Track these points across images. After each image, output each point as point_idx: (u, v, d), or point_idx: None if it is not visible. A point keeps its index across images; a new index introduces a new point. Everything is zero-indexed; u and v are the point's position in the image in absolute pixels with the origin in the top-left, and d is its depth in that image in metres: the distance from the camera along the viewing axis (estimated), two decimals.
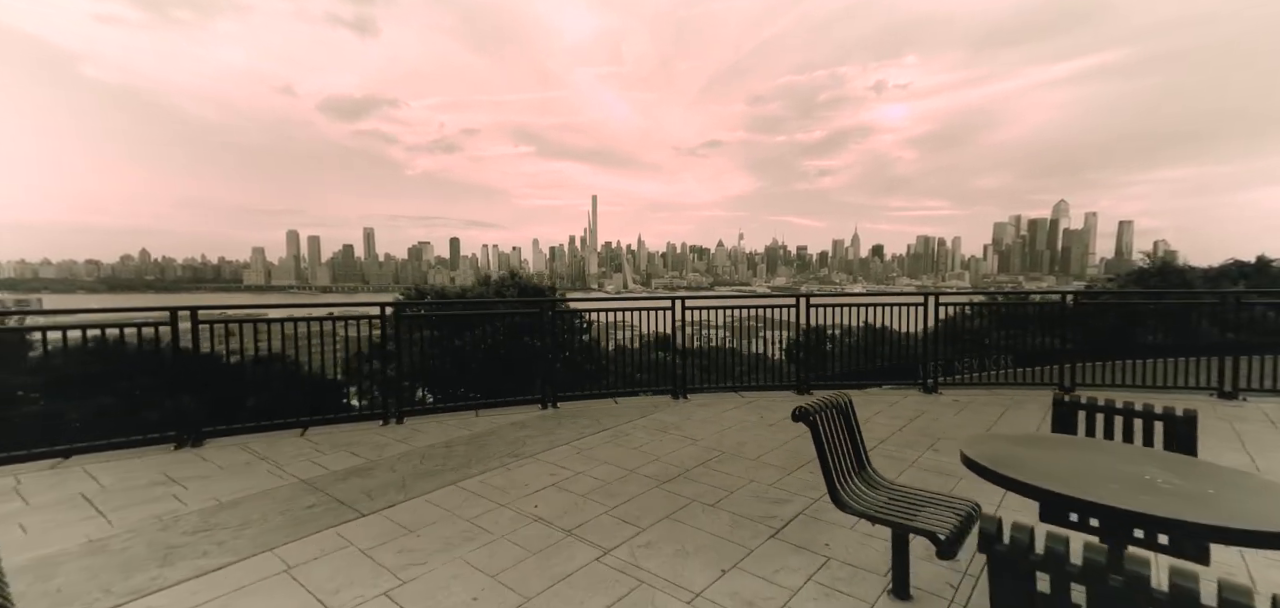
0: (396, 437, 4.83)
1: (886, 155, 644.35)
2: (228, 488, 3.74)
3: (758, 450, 4.39)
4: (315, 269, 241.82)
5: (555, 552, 2.89)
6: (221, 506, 3.45)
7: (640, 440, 4.68)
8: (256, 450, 4.43)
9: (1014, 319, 7.70)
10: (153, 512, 3.38)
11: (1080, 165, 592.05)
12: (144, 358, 4.76)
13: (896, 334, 6.68)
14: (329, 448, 4.51)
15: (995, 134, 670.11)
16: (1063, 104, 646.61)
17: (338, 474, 3.96)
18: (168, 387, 4.72)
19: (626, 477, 3.90)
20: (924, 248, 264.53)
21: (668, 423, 5.18)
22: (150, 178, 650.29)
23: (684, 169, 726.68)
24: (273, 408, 5.16)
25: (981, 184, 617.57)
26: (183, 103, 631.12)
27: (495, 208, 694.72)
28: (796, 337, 6.70)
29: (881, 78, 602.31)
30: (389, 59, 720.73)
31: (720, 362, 7.26)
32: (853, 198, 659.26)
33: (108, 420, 4.57)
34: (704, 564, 2.76)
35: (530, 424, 5.20)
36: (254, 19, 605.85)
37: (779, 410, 5.59)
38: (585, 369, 7.58)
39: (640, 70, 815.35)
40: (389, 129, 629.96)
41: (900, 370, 6.88)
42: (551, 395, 5.90)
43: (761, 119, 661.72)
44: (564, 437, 4.79)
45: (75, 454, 4.28)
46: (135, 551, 2.94)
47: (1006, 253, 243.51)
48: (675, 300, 6.30)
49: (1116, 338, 7.10)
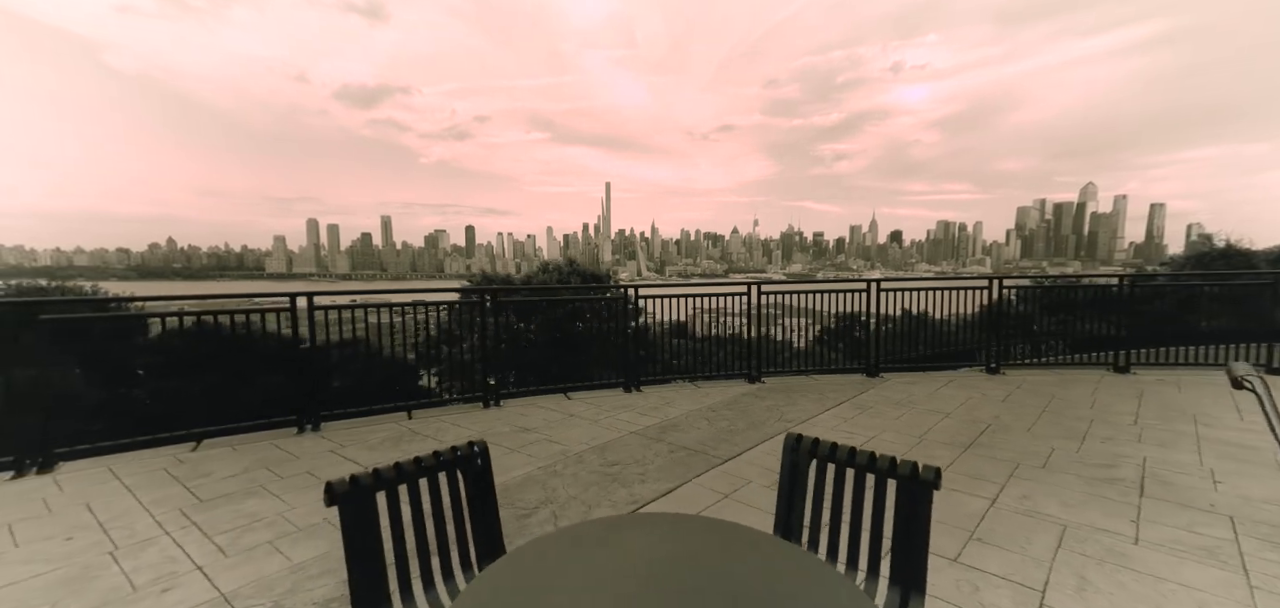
0: (637, 405, 5.02)
1: (905, 138, 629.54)
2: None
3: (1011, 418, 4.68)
4: (335, 257, 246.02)
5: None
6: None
7: (896, 406, 5.16)
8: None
9: (1069, 303, 7.59)
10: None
11: (1107, 146, 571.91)
12: (265, 343, 5.00)
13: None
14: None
15: (1019, 115, 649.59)
16: (1089, 82, 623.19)
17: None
18: (295, 372, 4.91)
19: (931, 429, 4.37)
20: (944, 233, 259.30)
21: (895, 397, 5.45)
22: (170, 166, 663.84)
23: (697, 154, 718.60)
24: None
25: (1004, 167, 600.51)
26: (200, 91, 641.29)
27: (508, 195, 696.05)
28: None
29: (901, 58, 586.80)
30: (400, 45, 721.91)
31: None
32: (870, 182, 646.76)
33: (235, 405, 4.80)
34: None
35: (759, 396, 5.61)
36: (267, 6, 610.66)
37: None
38: (658, 355, 7.70)
39: (653, 53, 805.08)
40: (402, 117, 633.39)
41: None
42: (757, 373, 6.05)
43: (777, 102, 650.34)
44: (830, 401, 5.37)
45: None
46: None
47: (1030, 238, 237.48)
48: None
49: (1172, 322, 7.04)
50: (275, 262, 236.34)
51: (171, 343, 4.85)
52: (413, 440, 4.45)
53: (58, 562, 2.70)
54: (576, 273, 11.70)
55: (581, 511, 3.16)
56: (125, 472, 3.82)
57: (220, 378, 4.69)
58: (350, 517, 1.55)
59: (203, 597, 2.39)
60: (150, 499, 3.38)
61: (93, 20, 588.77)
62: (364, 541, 1.56)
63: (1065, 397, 5.37)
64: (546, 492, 3.44)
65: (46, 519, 3.15)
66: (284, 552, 2.75)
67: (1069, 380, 6.06)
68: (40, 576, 2.58)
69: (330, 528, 2.95)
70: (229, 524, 3.05)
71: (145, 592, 2.44)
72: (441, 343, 6.60)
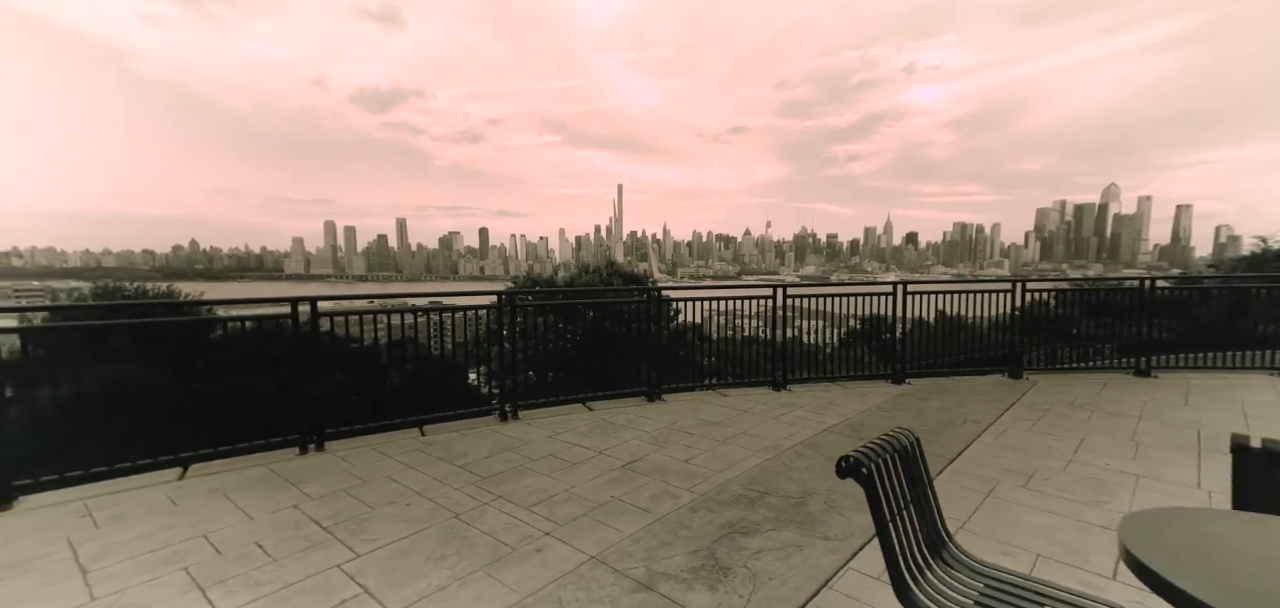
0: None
1: (921, 139, 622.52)
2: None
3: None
4: (352, 259, 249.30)
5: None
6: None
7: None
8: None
9: (1100, 306, 7.41)
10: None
11: (1126, 147, 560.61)
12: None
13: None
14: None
15: (1037, 115, 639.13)
16: (1108, 83, 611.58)
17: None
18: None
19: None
20: (961, 235, 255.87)
21: (1065, 399, 5.47)
22: (191, 169, 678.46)
23: (709, 156, 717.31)
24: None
25: (1022, 167, 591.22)
26: (221, 97, 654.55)
27: (521, 197, 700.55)
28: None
29: (916, 58, 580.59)
30: (415, 50, 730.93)
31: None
32: (885, 183, 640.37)
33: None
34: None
35: (918, 396, 5.72)
36: (287, 13, 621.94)
37: (1085, 388, 5.73)
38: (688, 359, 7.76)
39: (663, 54, 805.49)
40: (417, 120, 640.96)
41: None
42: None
43: (789, 103, 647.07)
44: (995, 402, 5.40)
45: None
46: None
47: (1049, 240, 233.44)
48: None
49: (1212, 326, 6.79)
50: (294, 263, 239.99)
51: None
52: (606, 432, 4.63)
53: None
54: (617, 274, 11.96)
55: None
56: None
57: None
58: (872, 488, 1.76)
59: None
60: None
61: (120, 28, 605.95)
62: (883, 508, 1.78)
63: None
64: (803, 487, 3.60)
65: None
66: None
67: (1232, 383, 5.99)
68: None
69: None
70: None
71: None
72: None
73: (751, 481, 3.67)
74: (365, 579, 2.63)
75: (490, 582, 2.61)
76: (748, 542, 2.91)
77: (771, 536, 2.96)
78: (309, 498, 3.49)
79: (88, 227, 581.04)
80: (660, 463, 4.01)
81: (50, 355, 3.71)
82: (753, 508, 3.28)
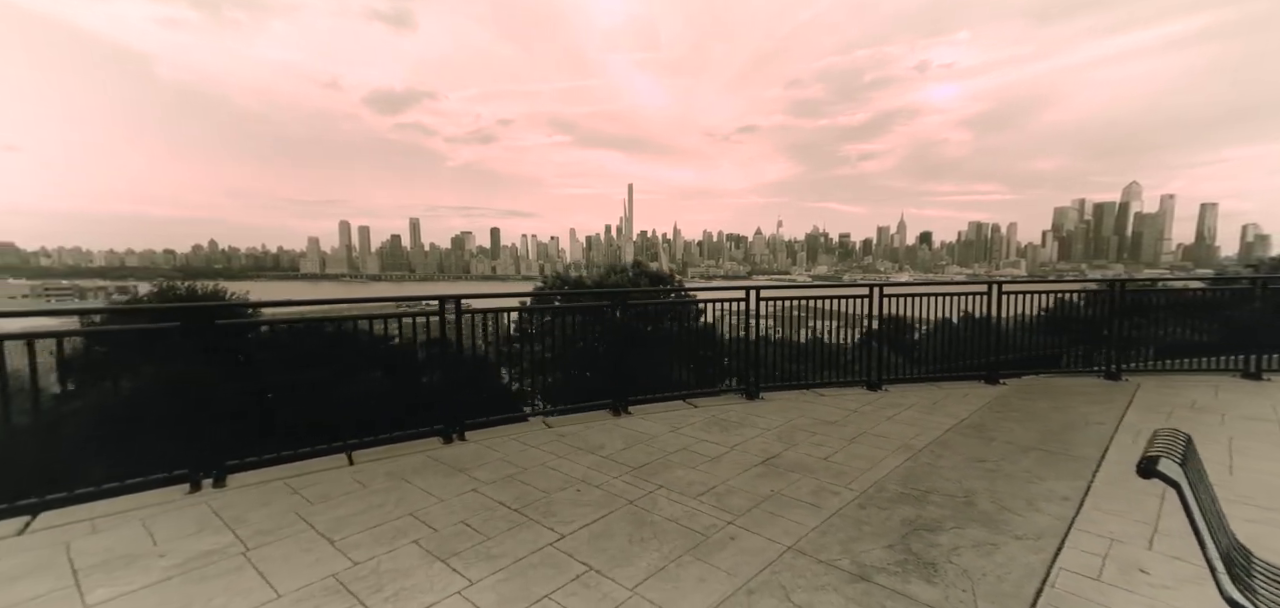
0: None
1: (935, 137, 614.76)
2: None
3: None
4: (366, 258, 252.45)
5: None
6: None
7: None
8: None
9: (1198, 305, 7.24)
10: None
11: (1148, 145, 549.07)
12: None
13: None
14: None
15: (1054, 113, 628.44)
16: (1126, 80, 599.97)
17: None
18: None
19: None
20: (976, 234, 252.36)
21: (1173, 402, 5.45)
22: (208, 171, 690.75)
23: (720, 155, 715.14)
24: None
25: (1039, 166, 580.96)
26: (237, 99, 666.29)
27: (531, 197, 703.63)
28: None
29: (929, 56, 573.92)
30: (426, 51, 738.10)
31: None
32: (898, 182, 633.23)
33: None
34: None
35: (1023, 396, 5.71)
36: (301, 17, 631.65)
37: (1196, 390, 5.70)
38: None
39: (674, 54, 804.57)
40: (429, 122, 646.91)
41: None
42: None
43: (800, 103, 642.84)
44: (1103, 402, 5.39)
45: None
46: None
47: (1068, 239, 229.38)
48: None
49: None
50: (309, 263, 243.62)
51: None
52: (724, 428, 4.71)
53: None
54: (644, 274, 12.27)
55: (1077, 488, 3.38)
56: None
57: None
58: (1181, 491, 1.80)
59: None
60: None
61: (139, 32, 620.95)
62: (1194, 512, 1.81)
63: None
64: (961, 486, 3.65)
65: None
66: None
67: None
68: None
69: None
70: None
71: None
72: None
73: (904, 479, 3.72)
74: (584, 558, 2.74)
75: (704, 566, 2.70)
76: (937, 538, 2.97)
77: (959, 533, 3.02)
78: (482, 483, 3.62)
79: (110, 227, 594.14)
80: (800, 460, 4.08)
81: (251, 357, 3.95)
82: (922, 506, 3.33)
